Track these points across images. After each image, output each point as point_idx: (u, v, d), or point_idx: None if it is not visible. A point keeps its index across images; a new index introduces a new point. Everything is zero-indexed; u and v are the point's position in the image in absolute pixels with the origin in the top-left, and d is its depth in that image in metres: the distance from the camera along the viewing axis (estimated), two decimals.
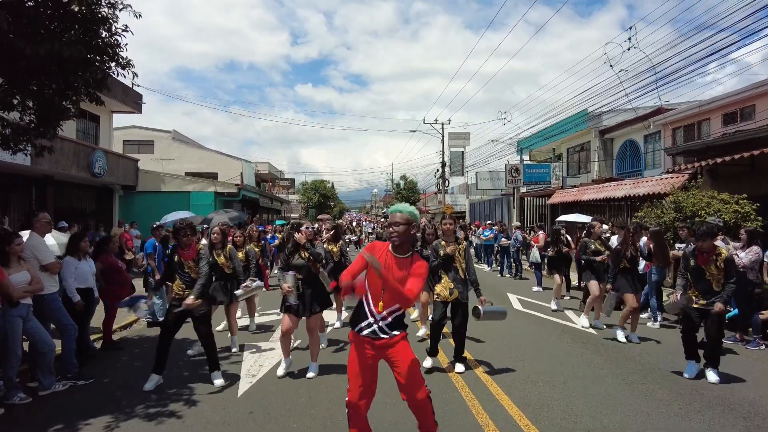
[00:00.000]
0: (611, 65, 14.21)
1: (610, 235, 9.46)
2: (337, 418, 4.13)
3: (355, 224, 40.92)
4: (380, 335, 3.12)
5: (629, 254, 6.94)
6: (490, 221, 19.87)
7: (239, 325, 7.47)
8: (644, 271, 8.09)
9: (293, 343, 6.26)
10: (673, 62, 12.42)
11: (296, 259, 5.20)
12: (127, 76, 5.74)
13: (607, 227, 10.57)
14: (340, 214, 67.89)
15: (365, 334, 3.14)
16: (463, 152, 32.19)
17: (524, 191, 23.12)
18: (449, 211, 30.94)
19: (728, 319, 6.79)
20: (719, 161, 9.81)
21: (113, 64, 5.50)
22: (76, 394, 4.78)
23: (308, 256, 5.20)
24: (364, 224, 40.10)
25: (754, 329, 6.67)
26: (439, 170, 33.05)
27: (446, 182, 33.08)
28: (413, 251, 3.26)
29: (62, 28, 4.81)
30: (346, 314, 8.25)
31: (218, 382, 4.96)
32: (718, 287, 5.14)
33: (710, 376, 5.07)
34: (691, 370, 5.19)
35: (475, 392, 4.67)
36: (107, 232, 14.08)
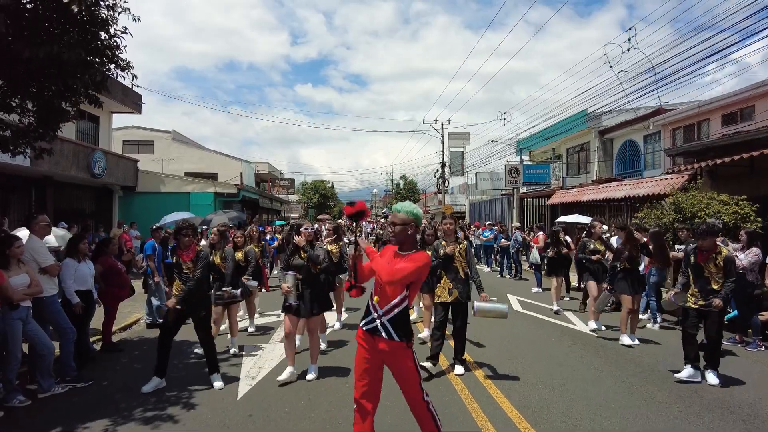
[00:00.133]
0: (611, 66, 14.22)
1: (609, 236, 9.47)
2: (336, 421, 4.13)
3: (355, 224, 40.93)
4: (380, 332, 3.06)
5: (628, 255, 6.94)
6: (489, 222, 19.88)
7: (239, 326, 7.48)
8: (644, 272, 8.09)
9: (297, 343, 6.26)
10: (672, 63, 12.43)
11: (296, 259, 5.21)
12: (126, 77, 5.75)
13: (606, 228, 10.58)
14: (339, 214, 67.84)
15: (367, 328, 3.14)
16: (462, 152, 32.16)
17: (524, 191, 23.12)
18: (449, 211, 30.93)
19: (728, 320, 6.80)
20: (719, 162, 9.81)
21: (112, 66, 5.49)
22: (75, 396, 4.78)
23: (307, 256, 5.21)
24: (363, 224, 40.09)
25: (753, 331, 6.67)
26: (438, 170, 33.05)
27: (446, 182, 33.08)
28: (417, 250, 3.20)
29: (61, 30, 4.80)
30: (346, 315, 8.25)
31: (218, 384, 4.96)
32: (716, 285, 5.12)
33: (710, 378, 5.07)
34: (686, 373, 5.14)
35: (474, 395, 4.67)
36: (107, 232, 14.08)
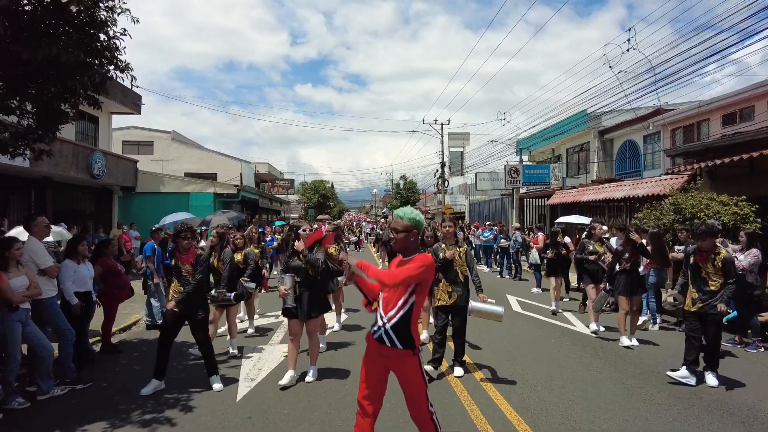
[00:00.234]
0: (610, 66, 14.20)
1: (609, 236, 9.46)
2: (336, 423, 4.13)
3: (354, 224, 40.91)
4: (385, 339, 3.03)
5: (627, 256, 6.93)
6: (489, 222, 19.87)
7: (238, 327, 7.47)
8: (644, 272, 8.09)
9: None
10: (672, 63, 12.42)
11: (294, 261, 5.20)
12: (125, 79, 5.74)
13: (606, 228, 10.58)
14: (339, 214, 67.86)
15: (375, 336, 3.12)
16: (462, 152, 32.16)
17: (523, 192, 23.12)
18: (449, 211, 30.94)
19: (727, 321, 6.79)
20: (718, 163, 9.81)
21: (112, 67, 5.48)
22: (74, 398, 4.78)
23: (305, 260, 5.18)
24: (363, 224, 40.06)
25: (753, 332, 6.67)
26: (438, 170, 33.05)
27: (446, 183, 33.08)
28: (417, 253, 3.13)
29: (60, 32, 4.79)
30: (345, 316, 8.25)
31: (217, 386, 4.96)
32: (713, 286, 5.12)
33: (709, 379, 5.07)
34: (683, 374, 5.12)
35: (474, 397, 4.67)
36: (106, 233, 14.08)
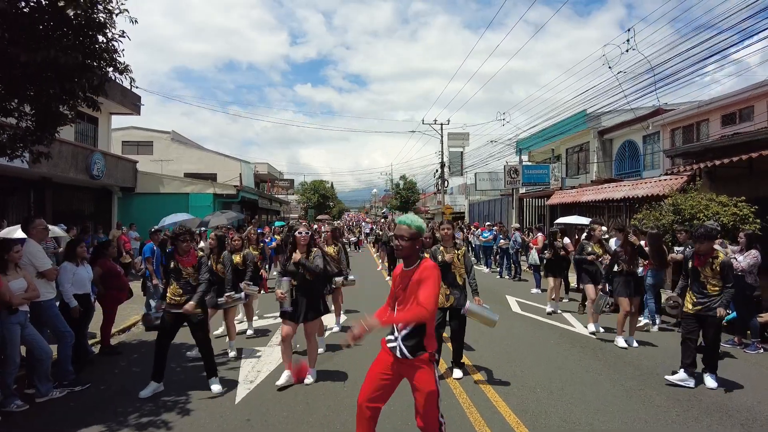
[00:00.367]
0: (610, 67, 14.20)
1: (608, 237, 9.46)
2: (334, 425, 4.12)
3: (354, 224, 40.91)
4: (396, 351, 3.03)
5: (626, 257, 6.92)
6: (489, 222, 19.87)
7: (237, 329, 7.47)
8: (643, 273, 8.08)
9: (295, 345, 6.24)
10: (671, 64, 12.42)
11: (291, 264, 5.18)
12: (124, 81, 5.74)
13: (605, 229, 10.58)
14: (339, 214, 67.88)
15: (389, 346, 3.11)
16: (462, 152, 32.17)
17: (523, 192, 23.11)
18: (448, 211, 30.95)
19: (726, 322, 6.79)
20: (718, 163, 9.80)
21: (110, 69, 5.48)
22: (72, 400, 4.77)
23: (305, 269, 5.16)
24: (363, 224, 40.01)
25: (752, 333, 6.67)
26: (438, 170, 33.05)
27: (445, 183, 33.09)
28: (420, 259, 3.13)
29: (58, 34, 4.78)
30: (344, 318, 8.24)
31: (216, 388, 4.95)
32: (712, 290, 5.12)
33: (708, 381, 5.07)
34: (681, 377, 5.11)
35: (472, 399, 4.66)
36: (106, 234, 14.07)
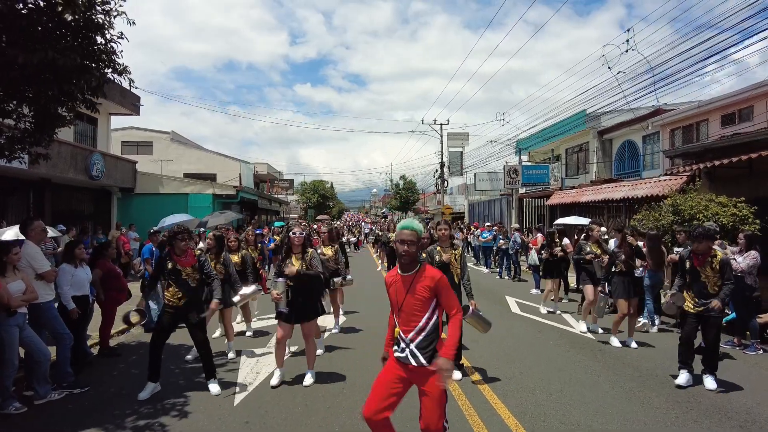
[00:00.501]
0: (609, 67, 14.20)
1: (608, 237, 9.44)
2: (333, 427, 4.12)
3: (354, 224, 40.87)
4: (411, 360, 3.00)
5: (624, 257, 6.92)
6: (489, 223, 19.88)
7: (236, 330, 7.46)
8: (642, 274, 8.08)
9: (289, 349, 6.24)
10: (671, 64, 12.42)
11: (287, 265, 5.16)
12: (123, 82, 5.73)
13: (605, 229, 10.57)
14: (339, 214, 67.87)
15: (397, 356, 3.09)
16: (461, 153, 32.18)
17: (523, 192, 23.11)
18: (448, 211, 30.96)
19: (726, 323, 6.79)
20: (717, 164, 9.80)
21: (109, 70, 5.48)
22: (71, 402, 4.77)
23: (304, 264, 5.15)
24: (362, 225, 39.99)
25: (752, 334, 6.67)
26: (437, 170, 33.06)
27: (445, 183, 33.08)
28: (419, 264, 3.10)
29: (56, 35, 4.78)
30: (344, 319, 8.24)
31: (214, 390, 4.95)
32: (713, 289, 5.12)
33: (708, 382, 5.06)
34: (683, 379, 5.13)
35: (471, 401, 4.65)
36: (105, 235, 14.07)
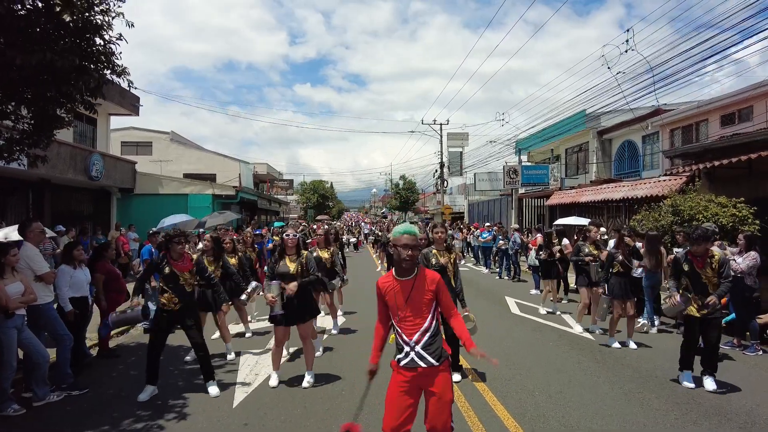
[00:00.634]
0: (609, 67, 14.19)
1: (607, 238, 9.44)
2: (332, 429, 4.11)
3: (354, 224, 40.85)
4: (418, 362, 2.95)
5: (621, 258, 6.92)
6: (488, 223, 19.89)
7: (235, 332, 7.47)
8: (642, 275, 8.08)
9: (288, 350, 6.24)
10: (671, 64, 12.42)
11: (282, 267, 5.14)
12: (122, 83, 5.72)
13: (604, 230, 10.57)
14: (339, 214, 67.85)
15: (403, 364, 3.00)
16: (461, 153, 32.18)
17: (522, 192, 23.12)
18: (448, 211, 30.96)
19: (725, 323, 6.78)
20: (717, 164, 9.79)
21: (108, 72, 5.47)
22: (70, 404, 4.76)
23: (299, 266, 5.14)
24: (362, 225, 39.97)
25: (752, 334, 6.66)
26: (437, 170, 33.06)
27: (445, 183, 33.09)
28: (417, 267, 3.06)
29: (55, 37, 4.77)
30: (343, 320, 8.24)
31: (213, 391, 4.94)
32: (714, 290, 5.12)
33: (708, 383, 5.05)
34: (689, 379, 5.15)
35: (471, 402, 4.65)
36: (104, 235, 14.06)
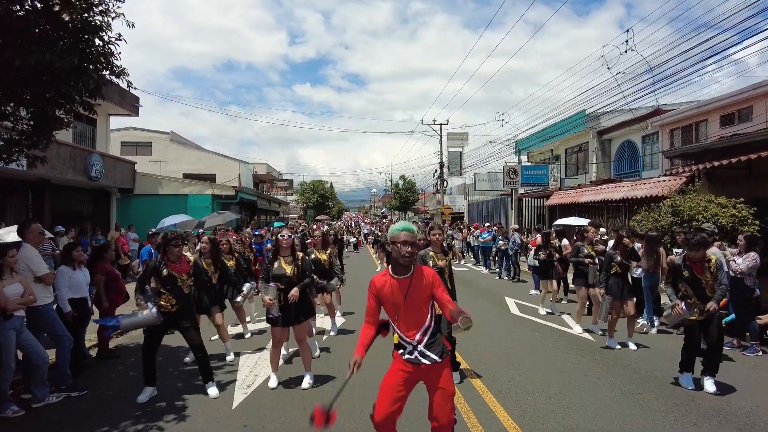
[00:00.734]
0: (608, 68, 14.19)
1: (607, 238, 9.43)
2: (331, 431, 4.09)
3: (353, 224, 40.84)
4: (422, 360, 3.02)
5: (619, 259, 6.92)
6: (488, 223, 19.89)
7: (234, 332, 7.47)
8: (640, 275, 8.08)
9: (288, 350, 6.23)
10: (671, 64, 12.42)
11: (278, 269, 5.13)
12: (121, 84, 5.72)
13: (604, 230, 10.56)
14: (338, 214, 67.82)
15: (406, 359, 3.07)
16: (461, 153, 32.18)
17: (522, 192, 23.11)
18: (448, 211, 30.96)
19: (725, 324, 6.77)
20: (717, 165, 9.79)
21: (107, 72, 5.46)
22: (69, 406, 4.75)
23: (295, 268, 5.15)
24: (362, 225, 39.95)
25: (751, 335, 6.65)
26: (437, 170, 33.05)
27: (445, 183, 33.09)
28: (414, 266, 3.10)
29: (53, 37, 4.76)
30: (343, 320, 8.23)
31: (213, 393, 4.93)
32: (713, 293, 5.14)
33: (708, 385, 5.03)
34: (689, 381, 5.15)
35: (470, 404, 4.64)
36: (104, 236, 14.06)
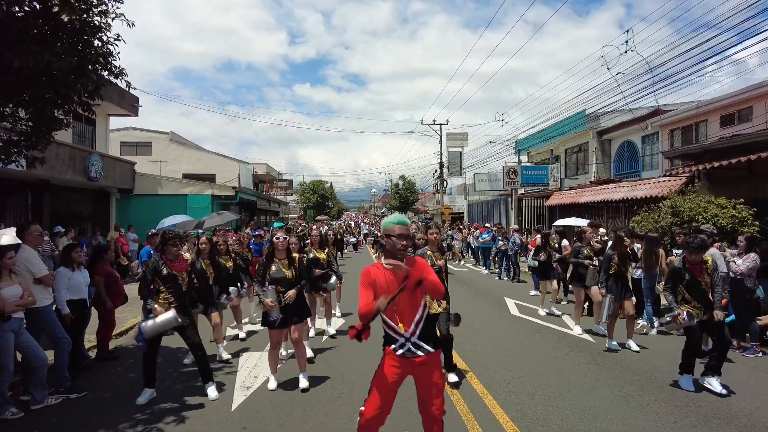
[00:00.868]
0: (608, 68, 14.18)
1: (607, 239, 9.42)
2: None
3: (353, 225, 40.82)
4: (416, 352, 3.04)
5: (617, 259, 6.91)
6: (488, 223, 19.88)
7: (230, 334, 7.47)
8: (640, 276, 8.07)
9: (287, 351, 6.22)
10: (671, 65, 12.42)
11: (277, 271, 5.12)
12: (120, 84, 5.71)
13: (604, 230, 10.55)
14: (338, 214, 67.84)
15: (400, 353, 3.06)
16: (461, 153, 32.18)
17: (522, 192, 23.11)
18: (448, 211, 30.95)
19: (725, 324, 6.76)
20: (717, 165, 9.79)
21: (106, 73, 5.45)
22: (68, 407, 4.74)
23: (293, 270, 5.16)
24: (362, 225, 39.92)
25: (751, 336, 6.64)
26: (437, 171, 33.04)
27: (444, 183, 33.08)
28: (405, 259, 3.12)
29: (52, 38, 4.75)
30: (342, 321, 8.23)
31: (212, 394, 4.92)
32: (712, 296, 5.21)
33: (714, 385, 5.00)
34: (689, 383, 5.14)
35: (469, 405, 4.63)
36: (104, 236, 14.04)
